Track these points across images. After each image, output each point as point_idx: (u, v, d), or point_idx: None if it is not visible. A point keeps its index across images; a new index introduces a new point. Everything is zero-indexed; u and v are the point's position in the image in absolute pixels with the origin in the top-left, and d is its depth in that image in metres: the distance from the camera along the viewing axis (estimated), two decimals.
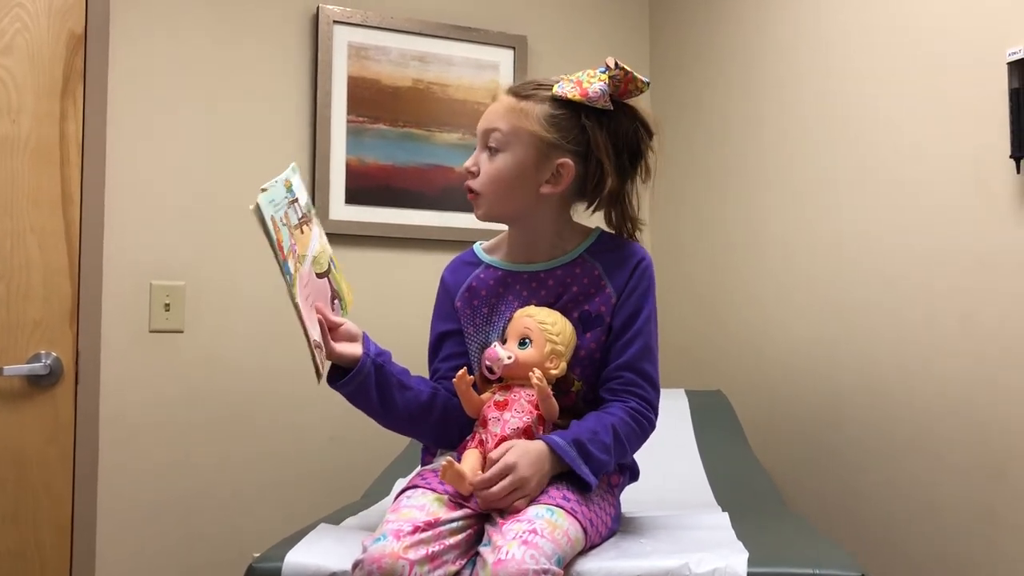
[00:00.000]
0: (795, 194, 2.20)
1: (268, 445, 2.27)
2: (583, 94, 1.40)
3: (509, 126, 1.42)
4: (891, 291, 1.91)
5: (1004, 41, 1.67)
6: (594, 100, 1.40)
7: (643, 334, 1.43)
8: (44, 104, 2.07)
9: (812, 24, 2.16)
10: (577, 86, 1.41)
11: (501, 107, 1.45)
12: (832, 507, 2.05)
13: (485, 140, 1.45)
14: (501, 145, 1.43)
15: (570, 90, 1.41)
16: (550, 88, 1.43)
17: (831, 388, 2.06)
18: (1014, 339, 1.65)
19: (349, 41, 2.39)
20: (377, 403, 1.39)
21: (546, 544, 1.17)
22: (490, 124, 1.44)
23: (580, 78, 1.42)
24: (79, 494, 2.07)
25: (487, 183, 1.44)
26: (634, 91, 1.44)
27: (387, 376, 1.40)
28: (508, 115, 1.43)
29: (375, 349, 1.40)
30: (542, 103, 1.42)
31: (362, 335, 1.40)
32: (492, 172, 1.43)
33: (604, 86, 1.40)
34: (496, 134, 1.43)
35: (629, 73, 1.41)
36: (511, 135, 1.42)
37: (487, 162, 1.44)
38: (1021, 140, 1.62)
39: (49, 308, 2.06)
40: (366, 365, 1.37)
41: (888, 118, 1.94)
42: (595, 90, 1.40)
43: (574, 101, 1.41)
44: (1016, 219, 1.65)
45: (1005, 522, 1.66)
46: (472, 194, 1.47)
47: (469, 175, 1.46)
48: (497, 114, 1.44)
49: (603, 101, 1.41)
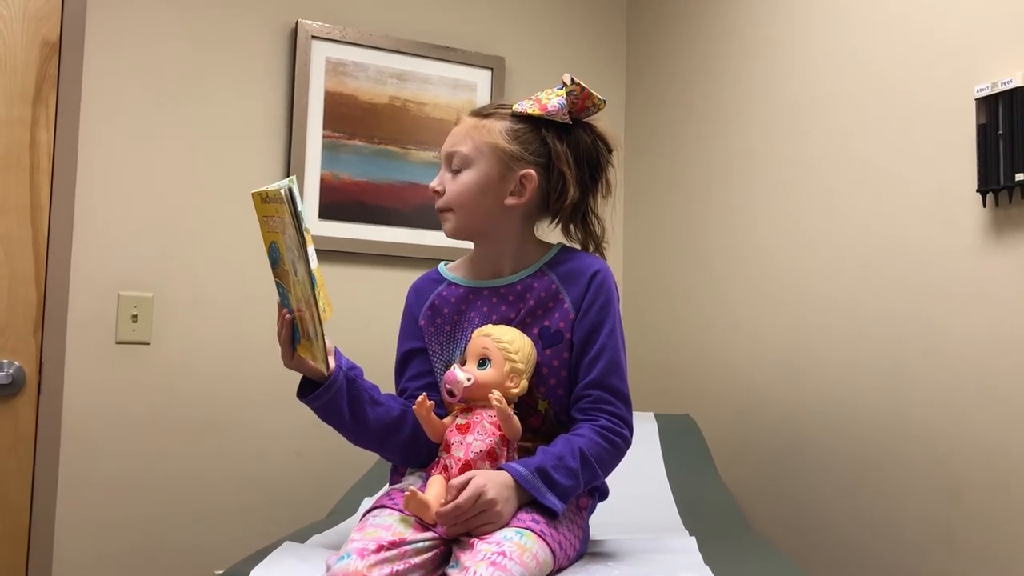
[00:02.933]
0: (763, 220, 2.22)
1: (234, 460, 2.24)
2: (542, 109, 1.46)
3: (472, 143, 1.46)
4: (856, 320, 1.93)
5: (972, 77, 1.70)
6: (553, 114, 1.46)
7: (608, 349, 1.43)
8: (16, 110, 2.05)
9: (784, 56, 2.19)
10: (536, 102, 1.48)
11: (463, 128, 1.49)
12: (796, 530, 2.07)
13: (449, 161, 1.49)
14: (464, 163, 1.47)
15: (529, 106, 1.47)
16: (510, 107, 1.49)
17: (796, 413, 2.08)
18: (974, 369, 1.68)
19: (327, 57, 2.39)
20: (348, 418, 1.38)
21: (514, 567, 1.16)
22: (453, 146, 1.48)
23: (539, 96, 1.49)
24: (37, 508, 2.03)
25: (454, 198, 1.47)
26: (591, 108, 1.50)
27: (359, 391, 1.39)
28: (470, 133, 1.47)
29: (347, 363, 1.40)
30: (503, 119, 1.48)
31: (335, 349, 1.39)
32: (458, 188, 1.47)
33: (562, 101, 1.47)
34: (459, 154, 1.47)
35: (586, 90, 1.47)
36: (474, 151, 1.46)
37: (451, 181, 1.48)
38: (988, 175, 1.65)
39: (13, 316, 2.03)
40: (338, 379, 1.36)
41: (857, 151, 1.97)
42: (553, 104, 1.46)
43: (534, 116, 1.47)
44: (981, 252, 1.68)
45: (962, 544, 1.69)
46: (442, 212, 1.50)
47: (435, 195, 1.49)
48: (460, 135, 1.49)
49: (561, 115, 1.47)
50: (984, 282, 1.67)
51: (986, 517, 1.65)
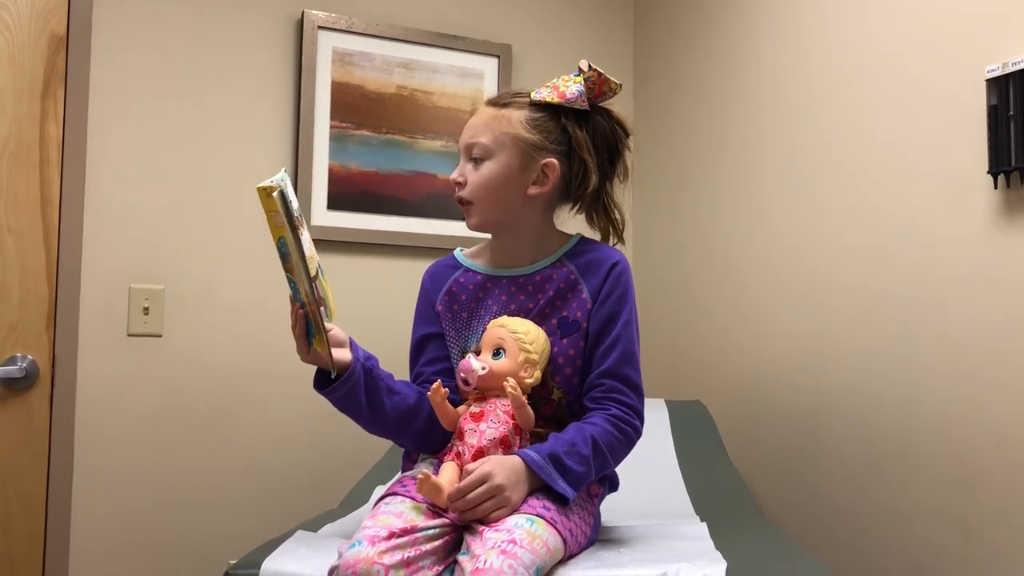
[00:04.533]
0: (774, 206, 2.21)
1: (246, 451, 2.25)
2: (561, 96, 1.45)
3: (492, 134, 1.45)
4: (868, 305, 1.92)
5: (983, 58, 1.69)
6: (572, 101, 1.45)
7: (623, 340, 1.43)
8: (24, 105, 2.06)
9: (793, 39, 2.18)
10: (554, 90, 1.46)
11: (482, 118, 1.48)
12: (808, 517, 2.06)
13: (469, 152, 1.48)
14: (485, 154, 1.45)
15: (548, 94, 1.46)
16: (528, 95, 1.48)
17: (809, 400, 2.08)
18: (988, 354, 1.67)
19: (334, 47, 2.38)
20: (366, 408, 1.38)
21: (525, 554, 1.16)
22: (473, 136, 1.47)
23: (556, 83, 1.47)
24: (52, 501, 2.04)
25: (477, 190, 1.46)
26: (608, 93, 1.49)
27: (376, 380, 1.39)
28: (490, 124, 1.46)
29: (364, 354, 1.40)
30: (522, 108, 1.47)
31: (349, 340, 1.39)
32: (480, 179, 1.46)
33: (580, 87, 1.46)
34: (479, 145, 1.46)
35: (603, 75, 1.46)
36: (494, 143, 1.45)
37: (473, 172, 1.47)
38: (999, 156, 1.64)
39: (25, 310, 2.04)
40: (356, 370, 1.36)
41: (867, 133, 1.95)
42: (572, 92, 1.45)
43: (552, 104, 1.45)
44: (993, 234, 1.67)
45: (976, 533, 1.68)
46: (464, 204, 1.49)
47: (457, 186, 1.48)
48: (479, 126, 1.47)
49: (580, 102, 1.46)
50: (997, 265, 1.66)
51: (1001, 506, 1.64)
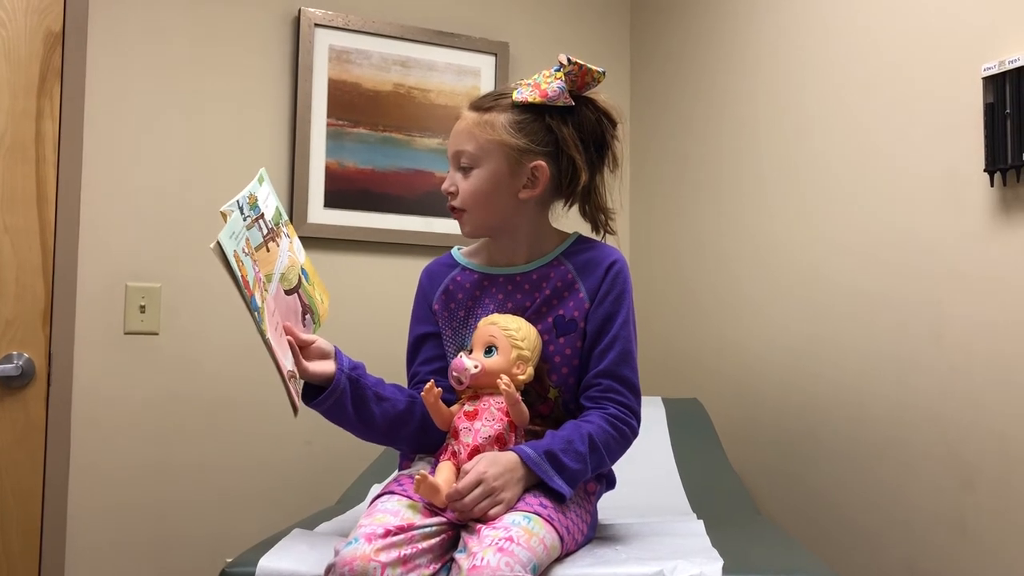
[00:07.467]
0: (771, 205, 2.21)
1: (243, 449, 2.25)
2: (543, 95, 1.43)
3: (476, 142, 1.43)
4: (865, 302, 1.92)
5: (979, 56, 1.69)
6: (554, 99, 1.43)
7: (620, 339, 1.43)
8: (20, 102, 2.05)
9: (791, 36, 2.18)
10: (536, 89, 1.43)
11: (466, 125, 1.45)
12: (804, 514, 2.07)
13: (457, 161, 1.46)
14: (473, 162, 1.44)
15: (529, 94, 1.43)
16: (509, 96, 1.45)
17: (805, 398, 2.08)
18: (985, 351, 1.67)
19: (330, 44, 2.38)
20: (354, 417, 1.38)
21: (522, 552, 1.16)
22: (459, 145, 1.46)
23: (537, 80, 1.45)
24: (49, 498, 2.04)
25: (468, 199, 1.45)
26: (591, 82, 1.46)
27: (363, 389, 1.38)
28: (474, 131, 1.44)
29: (348, 363, 1.38)
30: (505, 112, 1.44)
31: (334, 350, 1.38)
32: (470, 188, 1.45)
33: (562, 84, 1.43)
34: (466, 154, 1.44)
35: (584, 67, 1.44)
36: (480, 150, 1.43)
37: (463, 180, 1.45)
38: (995, 154, 1.64)
39: (22, 308, 2.04)
40: (340, 382, 1.35)
41: (864, 131, 1.95)
42: (554, 89, 1.43)
43: (535, 104, 1.43)
44: (989, 232, 1.67)
45: (974, 531, 1.68)
46: (457, 212, 1.48)
47: (448, 196, 1.48)
48: (463, 133, 1.45)
49: (563, 99, 1.43)
50: (994, 264, 1.66)
51: (998, 504, 1.65)
